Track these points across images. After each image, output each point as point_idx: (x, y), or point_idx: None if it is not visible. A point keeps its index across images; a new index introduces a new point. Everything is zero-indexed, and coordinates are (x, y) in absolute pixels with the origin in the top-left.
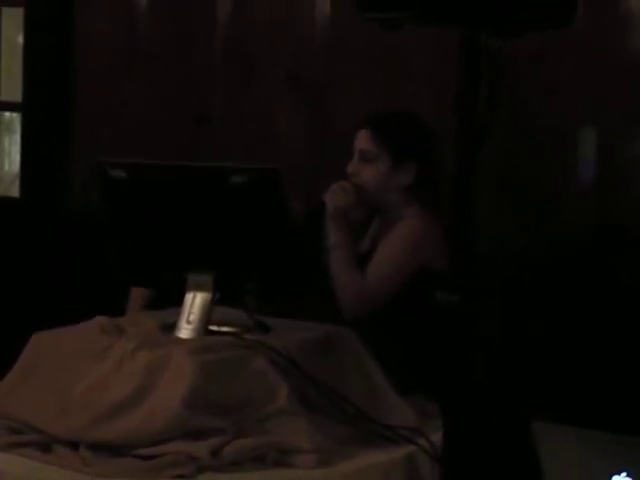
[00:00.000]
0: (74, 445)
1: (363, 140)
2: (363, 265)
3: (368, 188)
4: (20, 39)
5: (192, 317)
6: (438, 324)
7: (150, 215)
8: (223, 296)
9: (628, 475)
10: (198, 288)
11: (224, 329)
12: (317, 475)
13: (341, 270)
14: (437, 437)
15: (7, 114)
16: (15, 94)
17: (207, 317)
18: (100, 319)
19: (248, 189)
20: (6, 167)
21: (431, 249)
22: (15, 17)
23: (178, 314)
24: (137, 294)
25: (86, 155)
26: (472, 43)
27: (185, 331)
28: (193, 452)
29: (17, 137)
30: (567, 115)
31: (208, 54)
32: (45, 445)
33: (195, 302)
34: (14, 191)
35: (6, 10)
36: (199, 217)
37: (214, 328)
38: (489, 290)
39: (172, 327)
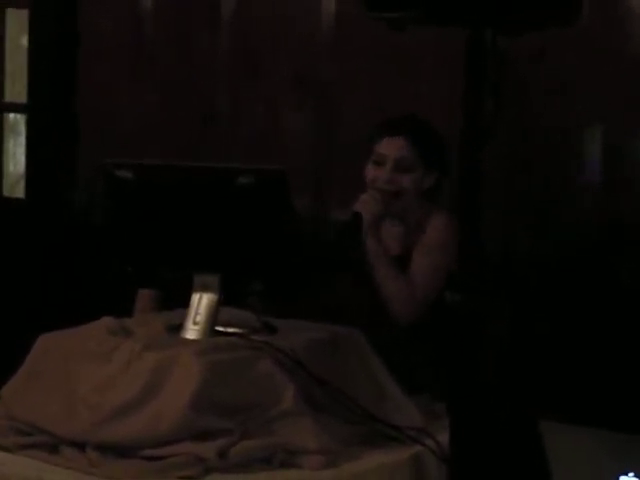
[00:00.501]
0: (81, 446)
1: (401, 149)
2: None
3: (408, 196)
4: (25, 40)
5: (199, 318)
6: (446, 324)
7: (156, 216)
8: (229, 297)
9: (635, 476)
10: (205, 289)
11: (231, 330)
12: (324, 476)
13: (390, 279)
14: (444, 437)
15: (12, 115)
16: (20, 96)
17: (214, 318)
18: (106, 320)
19: (254, 190)
20: (11, 168)
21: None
22: (20, 18)
23: (185, 315)
24: (144, 295)
25: (91, 156)
26: (478, 42)
27: (192, 332)
28: (200, 453)
29: (22, 139)
30: (571, 115)
31: (212, 53)
32: (52, 446)
33: (202, 303)
34: (19, 192)
35: (11, 11)
36: (205, 218)
37: (221, 329)
38: (497, 290)
39: (179, 328)
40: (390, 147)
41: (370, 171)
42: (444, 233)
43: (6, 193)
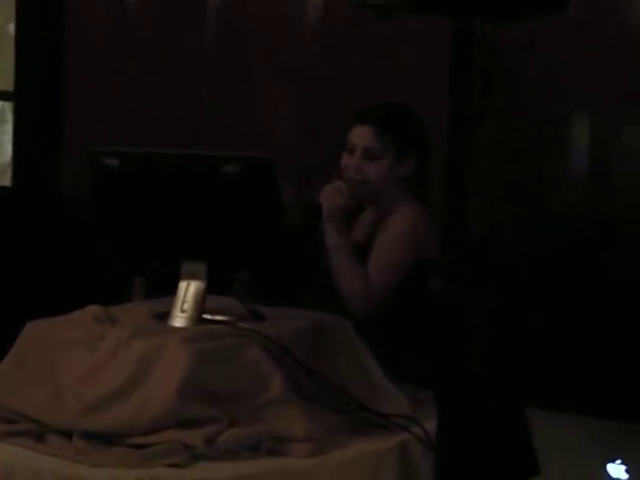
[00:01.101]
0: (67, 434)
1: (366, 137)
2: (361, 256)
3: (374, 185)
4: (12, 29)
5: (186, 306)
6: (432, 312)
7: (142, 203)
8: (216, 285)
9: (623, 463)
10: (192, 277)
11: (218, 318)
12: (311, 464)
13: (344, 272)
14: (431, 425)
15: None
16: (7, 84)
17: (201, 306)
18: (93, 308)
19: (241, 178)
20: None
21: (423, 239)
22: (7, 7)
23: (172, 303)
24: (140, 284)
25: (78, 144)
26: (466, 31)
27: (179, 320)
28: (187, 441)
29: (9, 127)
30: (561, 105)
31: (200, 45)
32: (38, 434)
33: (189, 291)
34: (6, 180)
35: None
36: (191, 205)
37: (208, 317)
38: (483, 278)
39: (166, 316)
40: (358, 135)
41: (343, 159)
42: (404, 224)
43: None
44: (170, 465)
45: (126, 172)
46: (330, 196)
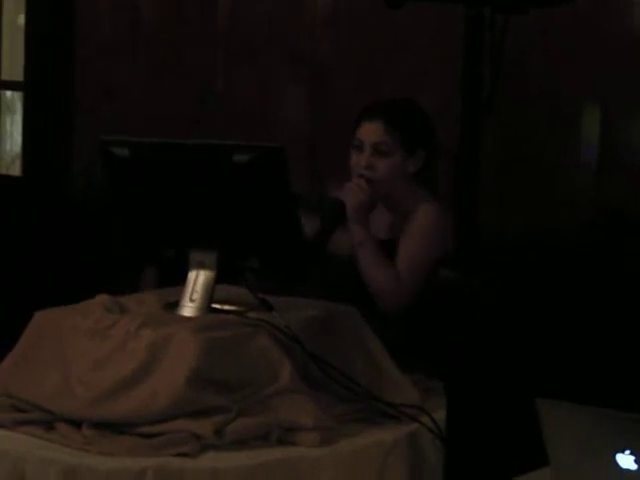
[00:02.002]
0: (77, 423)
1: (375, 133)
2: (385, 253)
3: (385, 181)
4: (22, 19)
5: (195, 295)
6: (441, 301)
7: (153, 193)
8: (226, 274)
9: (632, 453)
10: (201, 266)
11: (227, 307)
12: (320, 453)
13: (373, 268)
14: (440, 415)
15: (9, 93)
16: (17, 74)
17: (210, 295)
18: (103, 297)
19: (251, 167)
20: (7, 147)
21: (447, 234)
22: None
23: (181, 292)
24: (152, 274)
25: (88, 134)
26: (476, 19)
27: (188, 309)
28: (196, 430)
29: (19, 117)
30: (571, 94)
31: (209, 28)
32: (48, 423)
33: (198, 280)
34: (15, 170)
35: None
36: (202, 195)
37: (217, 306)
38: (492, 267)
39: (175, 305)
40: (367, 132)
41: (352, 157)
42: (430, 221)
43: (3, 171)
44: (179, 454)
45: (136, 161)
46: (353, 193)
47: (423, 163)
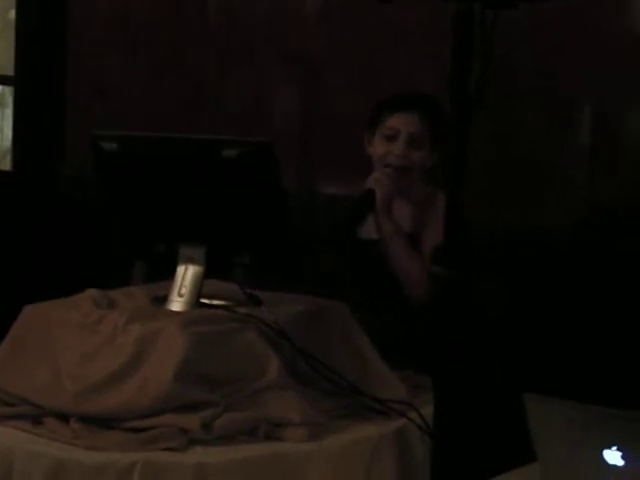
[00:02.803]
0: (65, 418)
1: (412, 123)
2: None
3: (418, 171)
4: (12, 14)
5: (184, 290)
6: (430, 297)
7: (142, 187)
8: (214, 269)
9: (619, 449)
10: (190, 261)
11: (216, 302)
12: (308, 448)
13: (405, 258)
14: (428, 411)
15: None
16: (7, 68)
17: (199, 290)
18: (91, 292)
19: (241, 162)
20: None
21: None
22: None
23: (170, 287)
24: (141, 268)
25: (79, 128)
26: (466, 14)
27: (177, 304)
28: (184, 425)
29: (9, 111)
30: (562, 90)
31: (202, 24)
32: (36, 417)
33: (187, 275)
34: (6, 165)
35: None
36: (191, 189)
37: (206, 301)
38: (481, 263)
39: (164, 300)
40: (404, 122)
41: (380, 146)
42: None
43: None
44: (167, 449)
45: (126, 156)
46: (382, 183)
47: (437, 159)
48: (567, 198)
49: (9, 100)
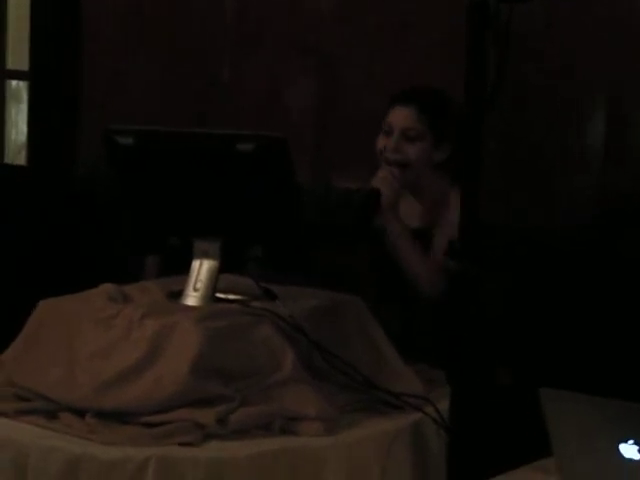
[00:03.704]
0: (80, 412)
1: (406, 118)
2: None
3: (414, 166)
4: (27, 8)
5: (199, 285)
6: (446, 291)
7: (157, 182)
8: (229, 264)
9: (635, 443)
10: (205, 255)
11: (231, 297)
12: (323, 443)
13: (412, 256)
14: (444, 405)
15: (14, 83)
16: (22, 63)
17: (214, 284)
18: (107, 286)
19: (255, 157)
20: (13, 136)
21: None
22: None
23: (185, 282)
24: (153, 263)
25: (94, 123)
26: (481, 9)
27: (192, 299)
28: (200, 419)
29: (24, 106)
30: (577, 86)
31: (217, 19)
32: (52, 412)
33: (202, 269)
34: (21, 160)
35: None
36: (206, 184)
37: (221, 296)
38: (496, 259)
39: (179, 295)
40: (398, 116)
41: (380, 141)
42: None
43: (8, 161)
44: (182, 444)
45: (141, 150)
46: (388, 182)
47: (449, 154)
48: (583, 192)
49: (24, 95)
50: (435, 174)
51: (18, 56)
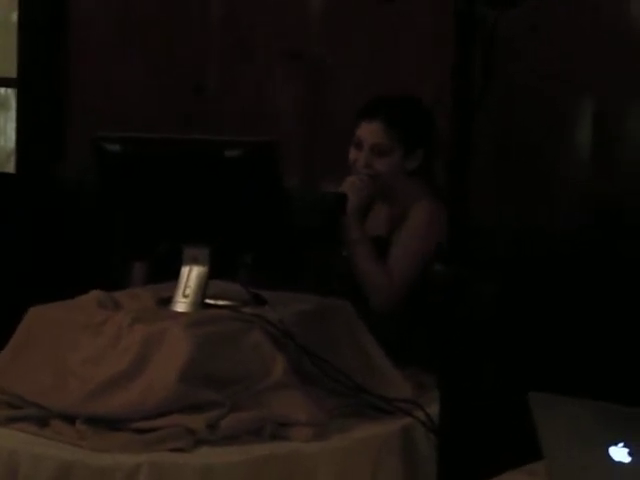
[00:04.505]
0: (71, 419)
1: (374, 134)
2: (380, 251)
3: (384, 180)
4: (14, 16)
5: (188, 291)
6: (433, 295)
7: (145, 188)
8: (218, 270)
9: (625, 446)
10: (194, 262)
11: (221, 303)
12: (313, 448)
13: (368, 265)
14: (433, 409)
15: (2, 90)
16: (10, 71)
17: (203, 291)
18: (96, 293)
19: (243, 162)
20: (1, 143)
21: (440, 232)
22: None
23: (174, 288)
24: (140, 268)
25: (81, 130)
26: (467, 13)
27: (181, 305)
28: (190, 425)
29: (12, 114)
30: (564, 91)
31: (204, 24)
32: (42, 419)
33: (191, 276)
34: (10, 168)
35: None
36: (195, 190)
37: (211, 302)
38: (485, 263)
39: (168, 301)
40: (366, 131)
41: (351, 153)
42: (424, 221)
43: None
44: (173, 449)
45: (129, 157)
46: (356, 188)
47: (422, 161)
48: (572, 197)
49: (12, 102)
50: (408, 181)
51: (6, 63)
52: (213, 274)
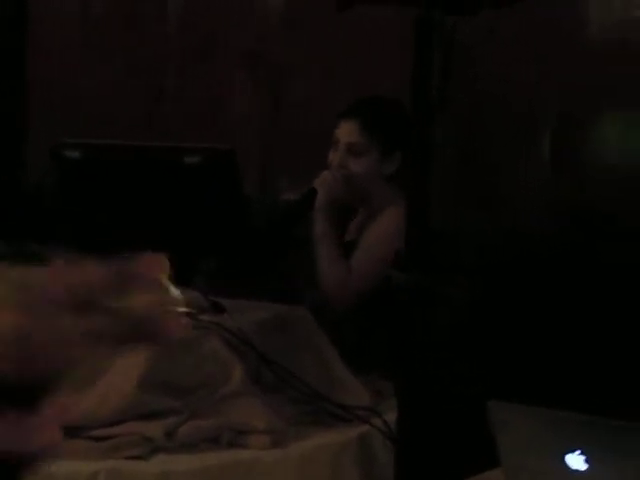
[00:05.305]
0: None
1: (350, 133)
2: (347, 254)
3: (358, 181)
4: None
5: None
6: (393, 303)
7: (105, 195)
8: (177, 277)
9: (582, 454)
10: None
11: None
12: (271, 455)
13: (326, 261)
14: (391, 416)
15: None
16: None
17: None
18: None
19: (203, 169)
20: None
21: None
22: None
23: None
24: None
25: (41, 136)
26: (425, 21)
27: None
28: (147, 433)
29: None
30: (524, 96)
31: (164, 30)
32: None
33: None
34: None
35: None
36: (154, 197)
37: None
38: (445, 269)
39: None
40: (342, 131)
41: (331, 154)
42: (390, 224)
43: None
44: (130, 457)
45: (88, 164)
46: (328, 185)
47: (400, 165)
48: (532, 201)
49: None
50: (385, 186)
51: None
52: (172, 281)
